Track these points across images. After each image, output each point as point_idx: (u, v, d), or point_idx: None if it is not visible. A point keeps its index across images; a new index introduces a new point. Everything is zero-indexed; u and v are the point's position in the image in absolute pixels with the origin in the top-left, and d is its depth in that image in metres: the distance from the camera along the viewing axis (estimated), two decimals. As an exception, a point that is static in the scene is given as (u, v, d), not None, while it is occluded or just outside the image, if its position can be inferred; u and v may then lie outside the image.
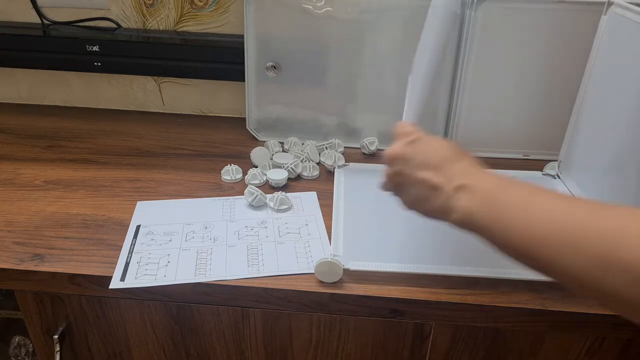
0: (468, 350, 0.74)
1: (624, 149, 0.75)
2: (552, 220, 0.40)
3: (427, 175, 0.48)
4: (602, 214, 0.39)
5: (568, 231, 0.39)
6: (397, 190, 0.53)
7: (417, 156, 0.50)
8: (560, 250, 0.39)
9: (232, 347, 0.76)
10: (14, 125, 1.07)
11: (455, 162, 0.49)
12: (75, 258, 0.71)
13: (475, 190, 0.46)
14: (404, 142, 0.51)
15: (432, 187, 0.48)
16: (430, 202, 0.49)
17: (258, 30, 0.96)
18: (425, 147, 0.50)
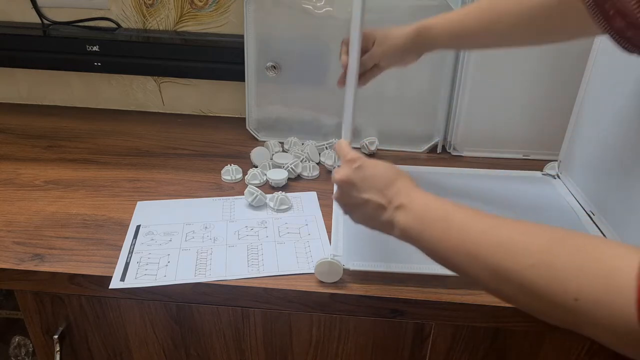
0: (468, 350, 0.74)
1: (623, 149, 0.75)
2: (461, 234, 0.47)
3: (373, 197, 0.56)
4: (498, 229, 0.45)
5: (471, 244, 0.46)
6: (347, 209, 0.61)
7: (362, 180, 0.57)
8: (467, 261, 0.46)
9: (232, 347, 0.76)
10: (14, 125, 1.07)
11: (395, 183, 0.56)
12: (75, 258, 0.71)
13: (410, 209, 0.53)
14: (351, 169, 0.58)
15: (377, 207, 0.56)
16: (377, 220, 0.57)
17: (258, 30, 0.96)
18: (369, 172, 0.57)
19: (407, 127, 1.02)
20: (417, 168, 0.96)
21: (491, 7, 0.67)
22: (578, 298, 0.38)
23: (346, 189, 0.58)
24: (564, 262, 0.40)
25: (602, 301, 0.37)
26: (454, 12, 0.71)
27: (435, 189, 0.89)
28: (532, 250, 0.42)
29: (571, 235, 0.43)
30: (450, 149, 1.02)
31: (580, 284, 0.38)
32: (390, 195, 0.55)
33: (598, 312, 0.38)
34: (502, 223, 0.46)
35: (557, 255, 0.41)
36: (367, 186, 0.57)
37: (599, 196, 0.81)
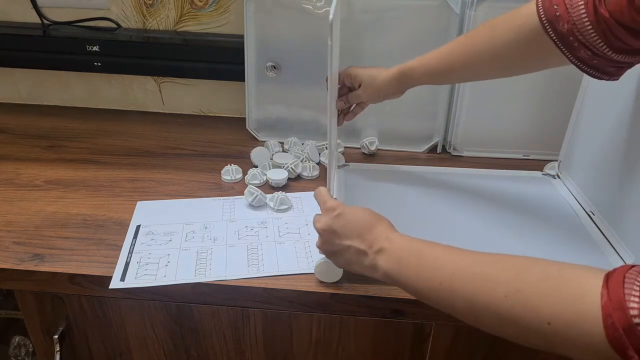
0: (468, 350, 0.74)
1: (623, 149, 0.75)
2: (436, 272, 0.50)
3: (353, 243, 0.58)
4: (469, 264, 0.49)
5: (446, 281, 0.49)
6: (330, 255, 0.63)
7: (342, 227, 0.59)
8: (445, 296, 0.49)
9: (232, 347, 0.76)
10: (14, 125, 1.07)
11: (374, 228, 0.58)
12: (75, 258, 0.71)
13: (390, 252, 0.56)
14: (330, 217, 0.61)
15: (358, 253, 0.58)
16: (359, 264, 0.59)
17: (258, 30, 0.96)
18: (348, 219, 0.60)
19: (407, 127, 1.02)
20: (417, 168, 0.96)
21: (466, 46, 0.72)
22: (550, 322, 0.41)
23: (327, 237, 0.61)
24: (534, 289, 0.43)
25: (573, 324, 0.40)
26: (432, 52, 0.76)
27: (435, 189, 0.89)
28: (502, 281, 0.45)
29: (535, 262, 0.46)
30: (450, 149, 1.02)
31: (551, 309, 0.41)
32: (370, 240, 0.57)
33: (570, 333, 0.40)
34: (473, 258, 0.49)
35: (527, 282, 0.44)
36: (347, 233, 0.59)
37: (599, 196, 0.81)
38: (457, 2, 0.90)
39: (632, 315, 0.37)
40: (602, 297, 0.38)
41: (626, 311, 0.37)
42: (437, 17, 0.91)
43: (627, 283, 0.38)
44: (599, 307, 0.38)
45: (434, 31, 0.93)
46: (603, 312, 0.38)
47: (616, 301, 0.38)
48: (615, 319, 0.37)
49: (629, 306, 0.37)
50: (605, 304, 0.38)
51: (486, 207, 0.84)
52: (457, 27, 0.91)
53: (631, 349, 0.37)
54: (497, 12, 0.88)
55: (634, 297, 0.37)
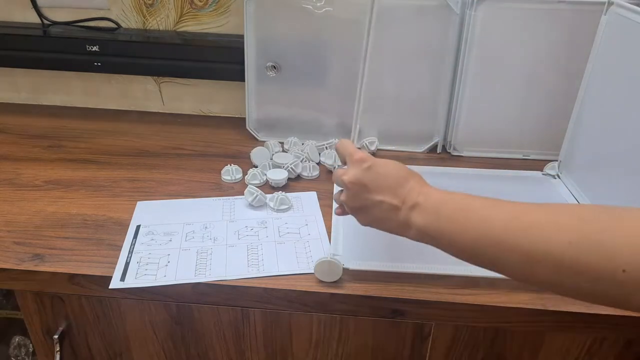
0: (468, 350, 0.74)
1: (623, 149, 0.75)
2: (485, 223, 0.46)
3: (385, 197, 0.54)
4: (524, 214, 0.44)
5: (497, 232, 0.44)
6: (357, 211, 0.58)
7: (374, 181, 0.55)
8: (494, 250, 0.45)
9: (232, 347, 0.76)
10: (14, 125, 1.07)
11: (407, 182, 0.55)
12: (75, 258, 0.71)
13: (426, 207, 0.52)
14: (361, 169, 0.56)
15: (390, 208, 0.54)
16: (391, 221, 0.55)
17: (258, 30, 0.96)
18: (380, 172, 0.56)
19: (407, 127, 1.02)
20: (416, 168, 0.95)
21: None
22: (626, 269, 0.37)
23: (356, 190, 0.56)
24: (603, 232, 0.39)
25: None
26: None
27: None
28: (566, 227, 0.41)
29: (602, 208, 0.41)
30: (450, 149, 1.02)
31: (625, 253, 0.37)
32: (404, 195, 0.53)
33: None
34: (526, 207, 0.45)
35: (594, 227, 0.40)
36: (379, 187, 0.55)
37: (599, 196, 0.81)
38: (457, 2, 0.90)
39: None
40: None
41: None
42: (437, 17, 0.91)
43: None
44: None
45: (434, 31, 0.93)
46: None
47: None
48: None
49: None
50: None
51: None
52: (457, 27, 0.91)
53: None
54: (497, 12, 0.89)
55: None
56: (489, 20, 0.89)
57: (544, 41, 0.91)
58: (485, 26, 0.90)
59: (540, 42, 0.91)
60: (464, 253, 0.48)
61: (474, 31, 0.90)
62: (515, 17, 0.89)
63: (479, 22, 0.89)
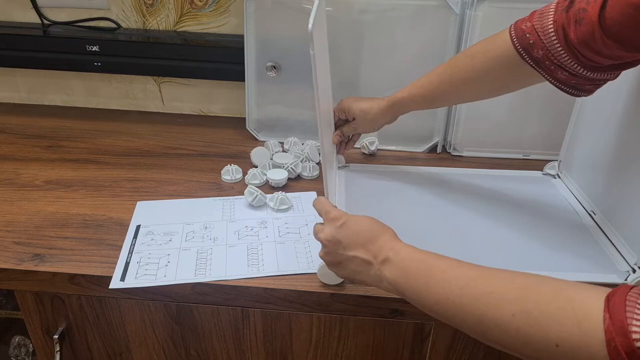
0: (468, 350, 0.74)
1: (623, 149, 0.75)
2: (444, 285, 0.50)
3: (358, 253, 0.58)
4: (476, 280, 0.48)
5: (454, 295, 0.49)
6: (334, 265, 0.62)
7: (347, 238, 0.59)
8: (452, 311, 0.49)
9: (232, 347, 0.76)
10: (14, 125, 1.07)
11: (379, 238, 0.58)
12: (75, 258, 0.71)
13: (395, 263, 0.55)
14: (335, 227, 0.60)
15: (363, 263, 0.57)
16: (364, 275, 0.58)
17: (258, 30, 0.96)
18: (353, 229, 0.59)
19: (407, 127, 1.01)
20: (417, 168, 0.96)
21: (450, 76, 0.76)
22: (558, 344, 0.41)
23: (332, 247, 0.60)
24: (541, 310, 0.43)
25: (579, 346, 0.40)
26: (419, 81, 0.81)
27: (435, 189, 0.89)
28: (510, 300, 0.45)
29: (540, 281, 0.46)
30: (450, 149, 1.02)
31: (558, 331, 0.42)
32: (375, 250, 0.57)
33: (576, 356, 0.41)
34: (482, 273, 0.49)
35: (534, 302, 0.44)
36: (352, 243, 0.58)
37: (600, 195, 0.81)
38: (457, 2, 0.90)
39: (634, 339, 0.37)
40: (605, 320, 0.39)
41: (628, 336, 0.38)
42: (437, 17, 0.91)
43: (628, 306, 0.39)
44: (602, 331, 0.39)
45: (434, 31, 0.93)
46: (606, 336, 0.39)
47: (618, 325, 0.38)
48: (618, 344, 0.38)
49: (631, 330, 0.37)
50: (608, 327, 0.39)
51: (486, 207, 0.84)
52: (457, 27, 0.91)
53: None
54: (497, 12, 0.89)
55: (635, 321, 0.38)
56: (489, 20, 0.89)
57: (544, 41, 0.90)
58: (485, 26, 0.90)
59: (540, 42, 0.91)
60: (429, 310, 0.52)
61: (474, 31, 0.90)
62: (515, 17, 0.89)
63: (479, 22, 0.89)
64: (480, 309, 0.47)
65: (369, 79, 0.98)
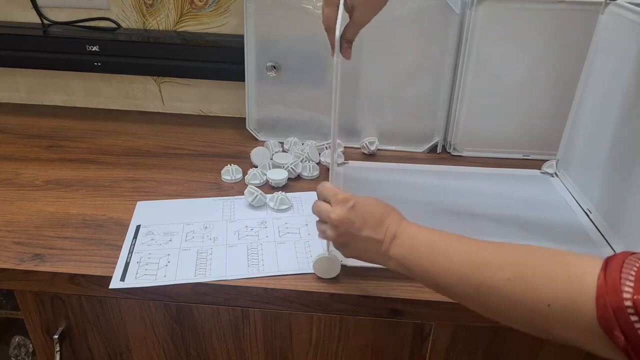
0: (468, 350, 0.74)
1: (620, 148, 0.75)
2: (445, 258, 0.52)
3: (370, 233, 0.59)
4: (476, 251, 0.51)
5: (454, 266, 0.51)
6: (343, 245, 0.63)
7: (360, 218, 0.60)
8: (454, 282, 0.51)
9: (232, 347, 0.76)
10: (14, 125, 1.07)
11: (388, 216, 0.60)
12: (75, 258, 0.71)
13: (402, 240, 0.57)
14: (346, 208, 0.61)
15: (375, 242, 0.59)
16: (372, 252, 0.60)
17: (258, 30, 0.96)
18: (364, 209, 0.61)
19: (407, 127, 1.02)
20: (417, 168, 0.96)
21: None
22: (550, 304, 0.42)
23: (345, 227, 0.60)
24: (535, 272, 0.45)
25: (569, 304, 0.41)
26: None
27: (434, 187, 0.89)
28: (506, 265, 0.47)
29: (539, 249, 0.47)
30: (450, 149, 1.02)
31: (551, 291, 0.43)
32: (385, 229, 0.59)
33: (566, 314, 0.42)
34: (481, 246, 0.51)
35: (529, 266, 0.46)
36: (364, 223, 0.59)
37: (596, 194, 0.81)
38: (457, 2, 0.90)
39: (624, 298, 0.38)
40: (599, 279, 0.40)
41: (619, 294, 0.38)
42: (437, 17, 0.91)
43: (625, 268, 0.39)
44: (594, 288, 0.40)
45: (434, 31, 0.93)
46: (597, 292, 0.39)
47: (611, 284, 0.39)
48: (607, 300, 0.38)
49: (622, 289, 0.38)
50: (600, 285, 0.39)
51: (484, 205, 0.84)
52: (457, 27, 0.91)
53: (618, 330, 0.38)
54: (497, 12, 0.89)
55: (629, 281, 0.38)
56: (489, 20, 0.89)
57: (542, 41, 0.91)
58: (485, 26, 0.90)
59: (539, 41, 0.91)
60: (433, 284, 0.54)
61: (474, 31, 0.90)
62: (515, 17, 0.89)
63: (479, 22, 0.89)
64: (478, 278, 0.48)
65: (369, 79, 0.98)
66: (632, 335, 0.37)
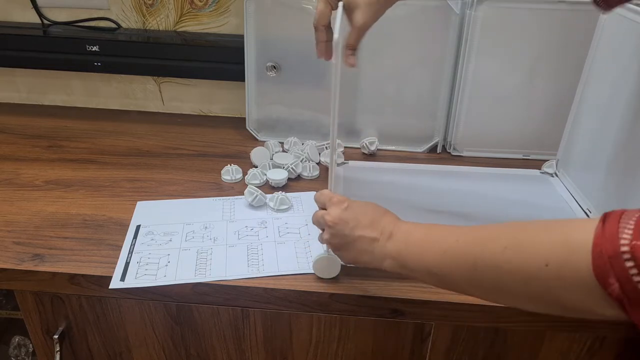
0: (468, 350, 0.74)
1: (620, 148, 0.75)
2: (440, 243, 0.52)
3: (365, 232, 0.59)
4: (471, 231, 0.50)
5: (450, 248, 0.51)
6: (339, 248, 0.63)
7: (354, 219, 0.60)
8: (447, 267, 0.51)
9: (232, 347, 0.76)
10: (14, 125, 1.07)
11: (383, 216, 0.60)
12: (75, 258, 0.71)
13: (398, 237, 0.57)
14: (341, 209, 0.61)
15: (370, 241, 0.59)
16: (370, 253, 0.59)
17: (258, 30, 0.96)
18: (358, 210, 0.61)
19: (407, 127, 1.02)
20: (417, 168, 0.96)
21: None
22: (548, 263, 0.41)
23: (339, 228, 0.61)
24: (533, 237, 0.44)
25: (567, 260, 0.40)
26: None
27: (433, 187, 0.89)
28: (501, 237, 0.46)
29: (533, 220, 0.47)
30: (450, 149, 1.02)
31: (548, 250, 0.42)
32: (380, 228, 0.59)
33: (564, 271, 0.40)
34: (474, 227, 0.51)
35: (526, 233, 0.45)
36: (358, 223, 0.60)
37: (596, 194, 0.81)
38: (457, 2, 0.90)
39: (621, 244, 0.37)
40: (597, 230, 0.39)
41: (616, 242, 0.37)
42: (437, 17, 0.91)
43: (623, 218, 0.39)
44: (591, 242, 0.39)
45: (434, 31, 0.93)
46: (594, 242, 0.38)
47: (609, 233, 0.38)
48: (604, 248, 0.38)
49: (620, 236, 0.37)
50: (598, 234, 0.39)
51: (484, 205, 0.84)
52: (457, 27, 0.91)
53: (612, 277, 0.37)
54: (497, 12, 0.89)
55: (627, 230, 0.37)
56: (489, 20, 0.89)
57: (543, 41, 0.91)
58: (485, 26, 0.90)
59: (539, 41, 0.91)
60: (429, 274, 0.53)
61: (474, 31, 0.90)
62: (515, 17, 0.89)
63: (479, 22, 0.89)
64: (474, 253, 0.48)
65: (369, 79, 0.98)
66: (627, 281, 0.36)
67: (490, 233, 0.48)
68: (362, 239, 0.59)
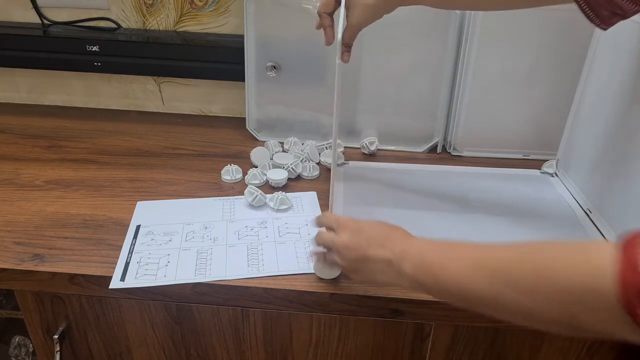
0: (468, 350, 0.74)
1: (620, 148, 0.75)
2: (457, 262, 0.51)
3: (378, 253, 0.58)
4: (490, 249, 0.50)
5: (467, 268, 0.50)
6: (352, 270, 0.62)
7: (365, 240, 0.59)
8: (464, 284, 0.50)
9: (232, 347, 0.76)
10: (14, 125, 1.07)
11: (392, 234, 0.59)
12: (75, 258, 0.71)
13: (412, 255, 0.56)
14: (350, 232, 0.61)
15: (384, 262, 0.58)
16: (385, 274, 0.58)
17: (258, 30, 0.96)
18: (368, 232, 0.60)
19: (407, 127, 1.02)
20: (417, 168, 0.96)
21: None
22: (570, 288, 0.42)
23: (351, 252, 0.60)
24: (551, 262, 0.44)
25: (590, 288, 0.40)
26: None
27: (434, 187, 0.89)
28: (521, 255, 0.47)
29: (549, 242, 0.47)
30: (450, 149, 1.02)
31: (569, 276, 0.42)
32: (392, 247, 0.58)
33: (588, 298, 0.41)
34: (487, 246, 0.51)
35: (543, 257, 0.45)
36: (369, 244, 0.59)
37: (596, 194, 0.81)
38: (457, 2, 0.90)
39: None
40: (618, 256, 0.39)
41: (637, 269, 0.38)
42: (437, 17, 0.91)
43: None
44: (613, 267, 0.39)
45: (434, 31, 0.93)
46: (617, 270, 0.39)
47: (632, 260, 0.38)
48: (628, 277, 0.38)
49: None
50: (620, 262, 0.39)
51: (484, 205, 0.84)
52: (457, 27, 0.91)
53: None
54: (497, 12, 0.88)
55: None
56: (489, 20, 0.89)
57: (543, 41, 0.91)
58: (485, 26, 0.90)
59: (539, 42, 0.91)
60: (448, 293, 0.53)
61: (474, 31, 0.90)
62: (515, 17, 0.89)
63: (479, 22, 0.89)
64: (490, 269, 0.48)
65: (368, 80, 0.98)
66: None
67: (508, 254, 0.48)
68: (375, 261, 0.58)
